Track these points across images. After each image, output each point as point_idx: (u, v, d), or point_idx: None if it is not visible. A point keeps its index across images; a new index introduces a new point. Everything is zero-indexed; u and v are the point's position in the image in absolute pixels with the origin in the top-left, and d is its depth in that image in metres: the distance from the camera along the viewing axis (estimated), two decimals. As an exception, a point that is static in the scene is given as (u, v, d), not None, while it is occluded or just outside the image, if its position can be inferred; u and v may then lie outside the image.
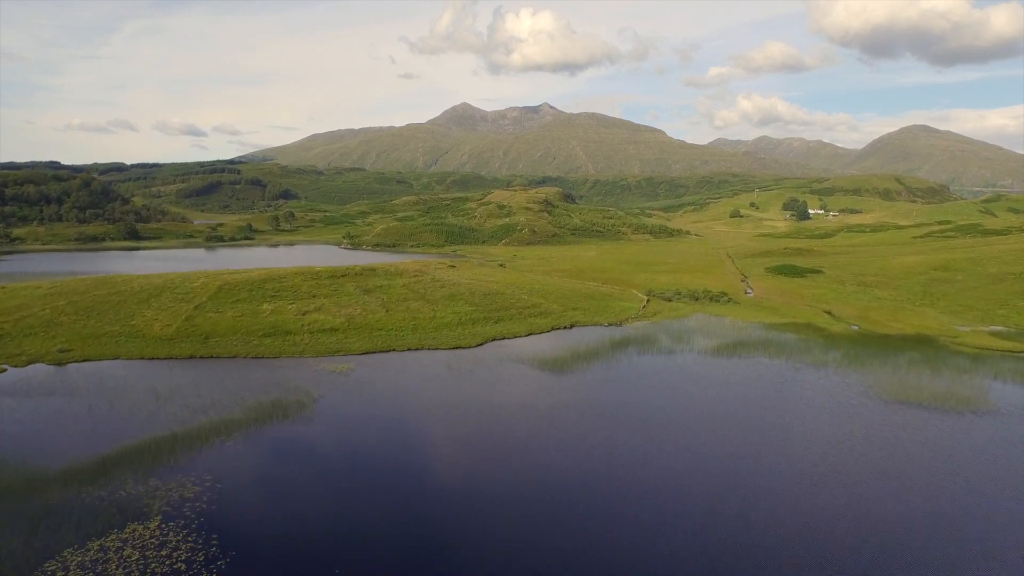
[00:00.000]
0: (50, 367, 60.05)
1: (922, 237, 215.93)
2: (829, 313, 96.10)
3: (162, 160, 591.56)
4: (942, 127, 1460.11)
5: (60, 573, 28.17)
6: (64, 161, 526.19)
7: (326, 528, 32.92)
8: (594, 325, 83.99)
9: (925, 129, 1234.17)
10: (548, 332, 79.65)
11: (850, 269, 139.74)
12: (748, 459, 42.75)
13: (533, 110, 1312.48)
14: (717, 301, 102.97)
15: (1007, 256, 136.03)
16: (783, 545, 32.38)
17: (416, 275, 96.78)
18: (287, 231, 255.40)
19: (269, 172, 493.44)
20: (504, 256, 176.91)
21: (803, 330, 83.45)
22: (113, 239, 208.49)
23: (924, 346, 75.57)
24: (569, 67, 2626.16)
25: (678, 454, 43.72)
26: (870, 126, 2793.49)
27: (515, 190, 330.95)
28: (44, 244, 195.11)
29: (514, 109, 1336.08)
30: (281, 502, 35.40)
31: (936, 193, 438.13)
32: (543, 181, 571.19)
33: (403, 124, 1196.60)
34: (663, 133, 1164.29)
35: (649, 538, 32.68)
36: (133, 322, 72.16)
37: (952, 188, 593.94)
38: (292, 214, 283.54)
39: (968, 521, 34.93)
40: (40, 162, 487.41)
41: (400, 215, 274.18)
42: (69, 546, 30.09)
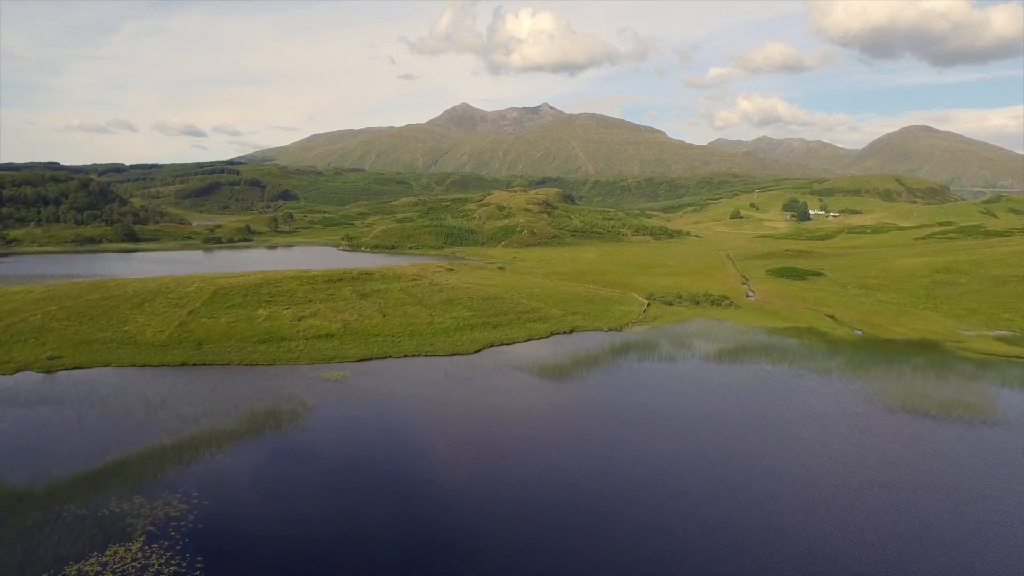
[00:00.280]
0: (39, 375, 58.89)
1: (923, 239, 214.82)
2: (831, 317, 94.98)
3: (161, 161, 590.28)
4: (942, 127, 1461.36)
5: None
6: (63, 162, 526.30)
7: (317, 550, 31.75)
8: (594, 330, 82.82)
9: (925, 129, 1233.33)
10: (547, 337, 78.49)
11: (852, 271, 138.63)
12: (750, 470, 41.59)
13: (533, 110, 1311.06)
14: (718, 305, 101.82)
15: (1010, 258, 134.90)
16: (789, 564, 31.27)
17: (414, 279, 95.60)
18: (286, 232, 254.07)
19: (268, 173, 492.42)
20: (503, 258, 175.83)
21: (805, 335, 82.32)
22: (110, 241, 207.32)
23: (929, 351, 74.45)
24: (569, 67, 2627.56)
25: (678, 466, 42.58)
26: (870, 126, 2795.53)
27: (515, 191, 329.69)
28: (41, 246, 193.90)
29: (514, 109, 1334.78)
30: (270, 522, 34.21)
31: (936, 194, 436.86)
32: (543, 182, 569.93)
33: (403, 124, 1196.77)
34: (663, 133, 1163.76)
35: (649, 553, 31.54)
36: (126, 328, 71.00)
37: (952, 188, 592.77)
38: (291, 215, 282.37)
39: (982, 539, 33.80)
40: (39, 163, 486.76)
41: (399, 216, 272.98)
42: (45, 571, 28.94)
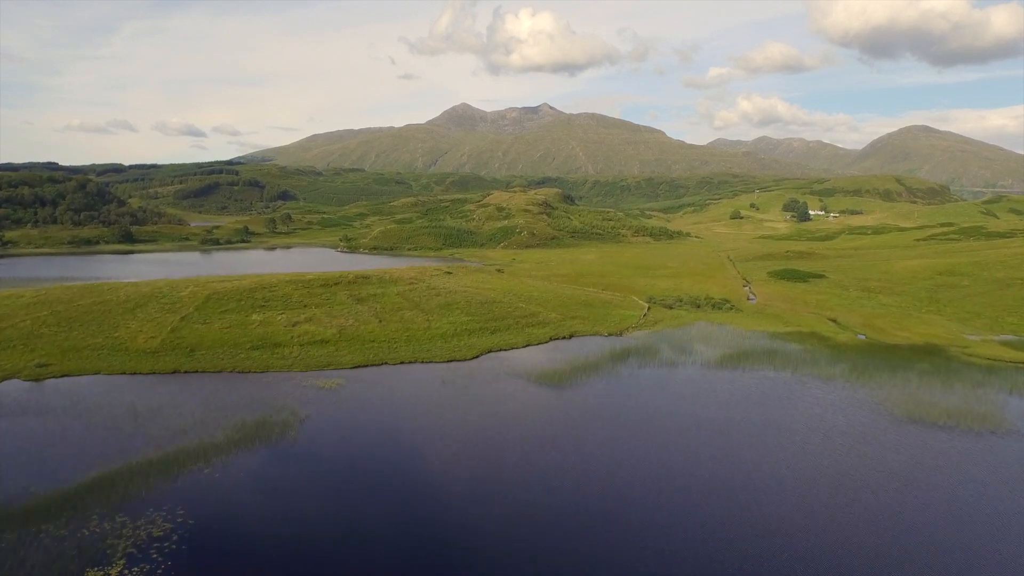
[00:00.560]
0: (26, 383, 57.59)
1: (925, 240, 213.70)
2: (834, 321, 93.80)
3: (161, 161, 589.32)
4: (942, 127, 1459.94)
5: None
6: (62, 162, 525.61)
7: (306, 573, 30.50)
8: (594, 335, 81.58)
9: (925, 129, 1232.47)
10: (546, 343, 77.24)
11: (853, 273, 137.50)
12: (754, 486, 40.39)
13: (532, 110, 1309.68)
14: (719, 308, 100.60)
15: (1013, 260, 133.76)
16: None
17: (411, 283, 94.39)
18: (284, 233, 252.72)
19: (267, 173, 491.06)
20: (502, 260, 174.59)
21: (808, 340, 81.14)
22: (107, 242, 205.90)
23: (934, 357, 73.25)
24: (569, 68, 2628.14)
25: (678, 479, 41.37)
26: (870, 126, 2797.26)
27: (514, 191, 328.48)
28: (37, 247, 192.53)
29: (513, 110, 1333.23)
30: (255, 542, 32.97)
31: (937, 194, 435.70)
32: (543, 182, 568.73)
33: (402, 124, 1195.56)
34: (663, 133, 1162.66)
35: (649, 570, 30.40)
36: (117, 334, 69.75)
37: (952, 188, 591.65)
38: (289, 216, 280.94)
39: (997, 558, 32.63)
40: (38, 163, 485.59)
41: (398, 217, 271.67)
42: (19, 598, 27.71)
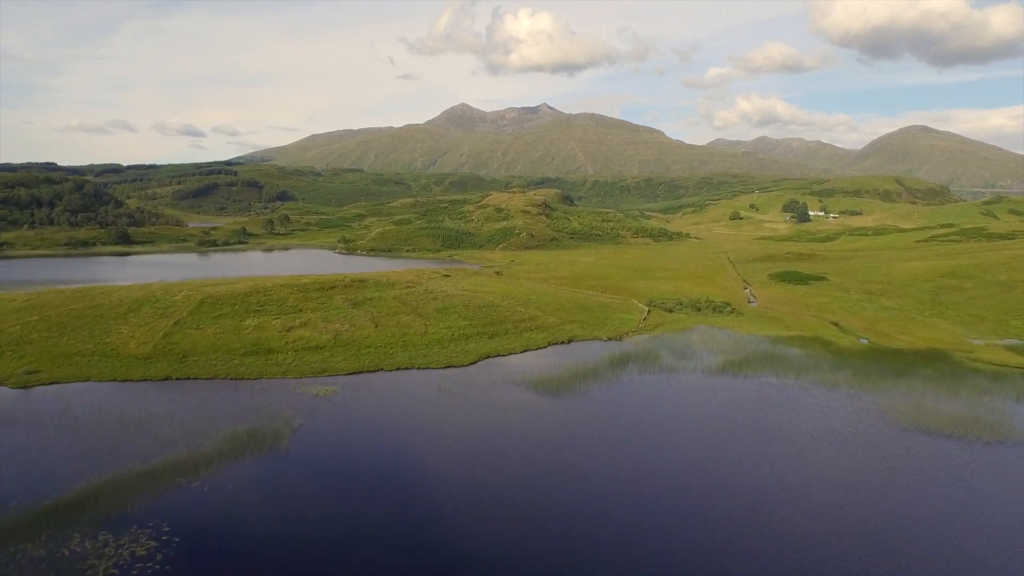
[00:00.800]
0: (13, 391, 56.42)
1: (925, 241, 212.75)
2: (836, 325, 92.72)
3: (160, 161, 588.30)
4: (941, 127, 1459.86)
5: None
6: (61, 162, 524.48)
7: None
8: (593, 339, 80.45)
9: (924, 130, 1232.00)
10: (545, 348, 76.11)
11: (854, 276, 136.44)
12: (758, 501, 39.30)
13: (532, 111, 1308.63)
14: (720, 312, 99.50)
15: (1015, 262, 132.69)
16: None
17: (408, 286, 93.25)
18: (282, 235, 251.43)
19: (266, 173, 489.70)
20: (501, 262, 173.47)
21: (810, 344, 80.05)
22: (104, 243, 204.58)
23: (938, 362, 72.19)
24: (568, 68, 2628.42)
25: (678, 493, 40.27)
26: (869, 126, 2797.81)
27: (513, 192, 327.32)
28: (33, 249, 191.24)
29: (513, 110, 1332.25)
30: (242, 561, 31.82)
31: (936, 194, 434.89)
32: (542, 182, 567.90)
33: (402, 124, 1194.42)
34: (662, 134, 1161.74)
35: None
36: (108, 339, 68.60)
37: (952, 189, 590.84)
38: (287, 217, 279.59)
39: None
40: (36, 163, 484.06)
41: (397, 218, 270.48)
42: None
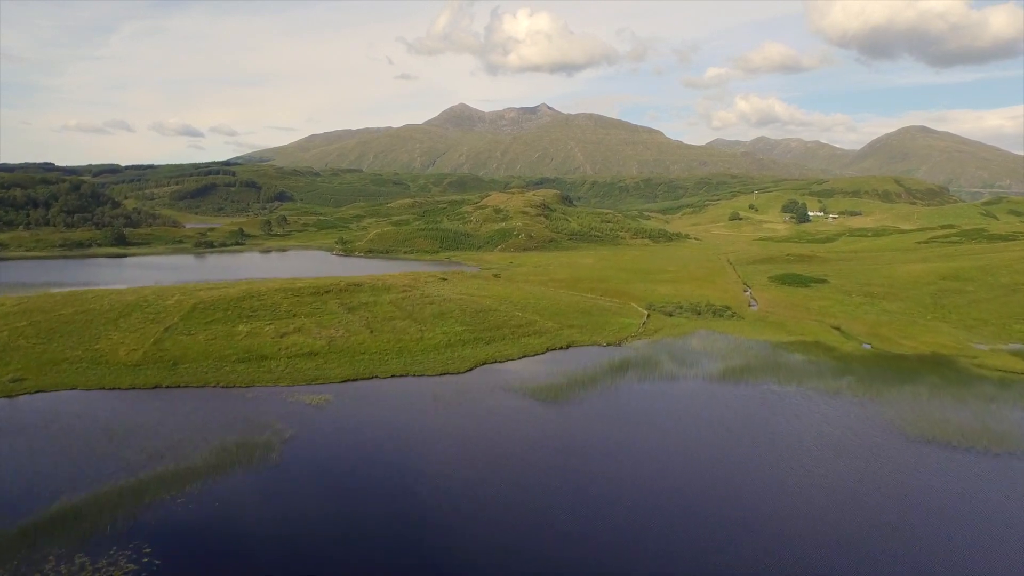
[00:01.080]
0: (-1, 400, 55.17)
1: (926, 242, 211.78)
2: (838, 329, 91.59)
3: (158, 161, 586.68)
4: (940, 128, 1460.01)
5: None
6: (59, 163, 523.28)
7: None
8: (592, 345, 79.23)
9: (923, 130, 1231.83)
10: (543, 354, 74.83)
11: (855, 278, 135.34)
12: (761, 514, 38.11)
13: (531, 111, 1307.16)
14: (720, 316, 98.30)
15: (1018, 265, 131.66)
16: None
17: (405, 290, 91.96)
18: (279, 236, 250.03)
19: (264, 174, 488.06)
20: (500, 264, 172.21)
21: (812, 350, 78.90)
22: (100, 245, 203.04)
23: (943, 369, 71.06)
24: (567, 68, 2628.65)
25: (676, 510, 39.06)
26: (868, 127, 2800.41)
27: (512, 192, 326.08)
28: (28, 250, 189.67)
29: (512, 110, 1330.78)
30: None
31: (936, 195, 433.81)
32: (541, 182, 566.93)
33: (401, 125, 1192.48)
34: (661, 134, 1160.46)
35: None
36: (97, 346, 67.29)
37: (950, 189, 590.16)
38: (285, 218, 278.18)
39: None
40: (33, 163, 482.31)
41: (395, 219, 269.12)
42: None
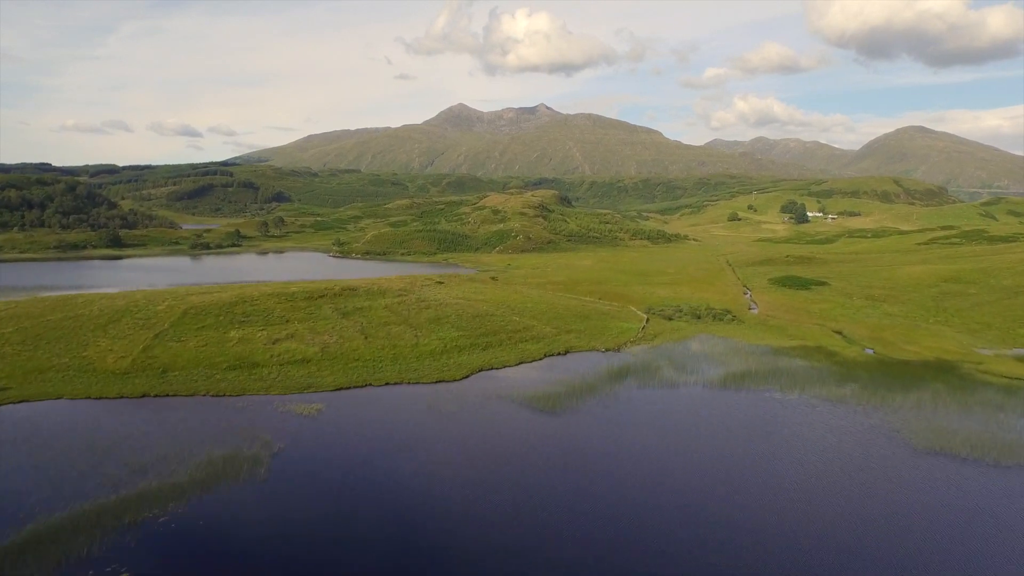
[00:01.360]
0: (-20, 411, 53.69)
1: (926, 244, 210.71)
2: (840, 333, 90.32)
3: (156, 162, 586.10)
4: (938, 128, 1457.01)
5: None
6: (56, 163, 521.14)
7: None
8: (590, 351, 77.86)
9: (921, 130, 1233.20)
10: (541, 360, 73.43)
11: (856, 280, 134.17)
12: (764, 531, 36.75)
13: (529, 111, 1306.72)
14: (721, 320, 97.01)
15: (1020, 267, 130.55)
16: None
17: (400, 294, 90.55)
18: (276, 237, 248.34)
19: (262, 174, 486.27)
20: (497, 265, 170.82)
21: (814, 355, 77.60)
22: (95, 246, 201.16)
23: (948, 375, 69.78)
24: (565, 68, 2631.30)
25: (676, 527, 37.70)
26: (866, 127, 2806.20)
27: (510, 193, 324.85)
28: (21, 252, 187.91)
29: (510, 110, 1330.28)
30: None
31: (934, 195, 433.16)
32: (539, 183, 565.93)
33: (399, 125, 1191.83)
34: (660, 134, 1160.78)
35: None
36: (85, 353, 65.83)
37: (949, 189, 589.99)
38: (282, 219, 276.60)
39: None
40: (30, 164, 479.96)
41: (393, 220, 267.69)
42: None
